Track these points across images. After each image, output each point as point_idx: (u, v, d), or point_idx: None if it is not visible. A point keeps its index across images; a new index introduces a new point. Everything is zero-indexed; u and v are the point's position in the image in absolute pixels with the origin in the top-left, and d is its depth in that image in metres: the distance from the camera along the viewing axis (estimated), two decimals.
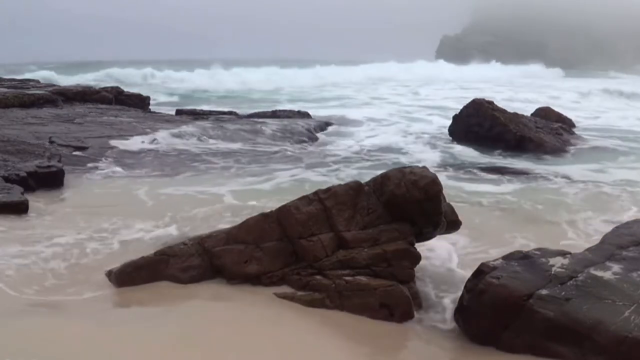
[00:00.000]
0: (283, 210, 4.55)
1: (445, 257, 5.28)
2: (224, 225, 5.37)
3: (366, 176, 8.39)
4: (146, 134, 11.34)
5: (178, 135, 11.44)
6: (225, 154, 10.33)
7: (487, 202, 7.50)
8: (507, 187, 8.38)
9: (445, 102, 21.23)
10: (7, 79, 18.71)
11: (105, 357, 3.38)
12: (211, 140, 11.44)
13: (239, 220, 4.96)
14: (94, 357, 3.38)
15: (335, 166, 9.72)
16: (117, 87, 17.07)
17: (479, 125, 12.07)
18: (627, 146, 12.25)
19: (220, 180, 8.35)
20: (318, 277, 4.32)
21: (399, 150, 11.45)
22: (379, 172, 4.82)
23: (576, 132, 13.44)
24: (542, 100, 21.12)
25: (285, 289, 4.36)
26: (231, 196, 7.33)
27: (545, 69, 52.29)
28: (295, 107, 18.01)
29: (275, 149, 11.15)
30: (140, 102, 16.41)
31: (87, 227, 5.75)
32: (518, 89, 29.76)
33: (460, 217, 4.96)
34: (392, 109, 19.63)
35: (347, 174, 8.94)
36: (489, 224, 6.46)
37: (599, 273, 3.85)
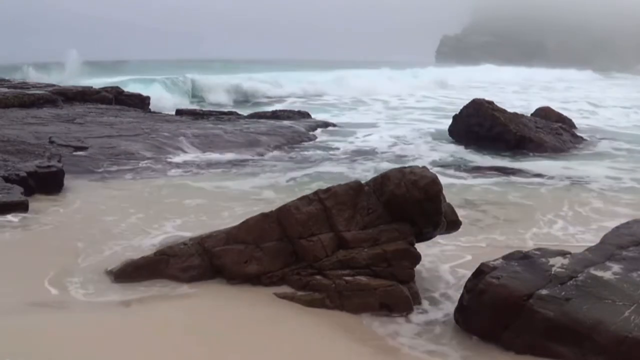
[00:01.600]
0: (283, 210, 4.55)
1: (446, 257, 5.28)
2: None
3: (362, 172, 8.48)
4: (147, 134, 11.35)
5: (180, 135, 11.44)
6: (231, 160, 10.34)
7: (486, 201, 7.49)
8: (507, 187, 8.39)
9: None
10: (6, 79, 18.67)
11: (105, 357, 3.38)
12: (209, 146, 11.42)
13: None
14: (93, 357, 3.38)
15: (334, 166, 9.72)
16: (117, 87, 17.06)
17: (479, 125, 12.07)
18: (628, 147, 12.23)
19: (235, 180, 8.38)
20: (318, 277, 4.32)
21: (398, 150, 11.45)
22: (378, 171, 4.82)
23: (577, 133, 13.43)
24: None
25: (285, 289, 4.36)
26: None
27: (578, 72, 50.77)
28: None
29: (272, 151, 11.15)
30: (140, 102, 16.41)
31: (87, 227, 5.76)
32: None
33: (460, 217, 4.96)
34: (395, 111, 19.60)
35: (347, 173, 8.94)
36: (489, 224, 6.46)
37: (599, 273, 3.85)
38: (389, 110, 19.44)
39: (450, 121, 12.95)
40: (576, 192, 8.12)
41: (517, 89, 31.69)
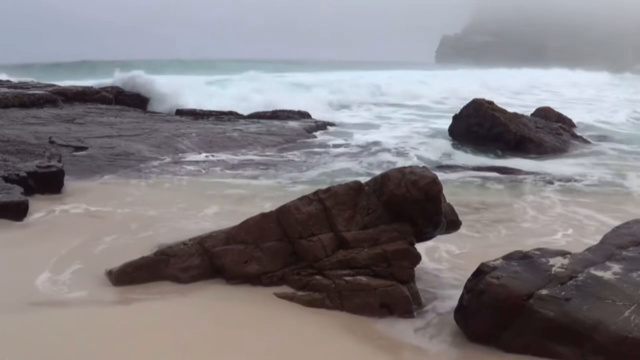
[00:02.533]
0: (283, 210, 4.55)
1: (445, 257, 5.28)
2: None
3: (364, 172, 8.51)
4: (147, 134, 11.35)
5: (181, 135, 11.44)
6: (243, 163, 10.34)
7: (486, 201, 7.50)
8: (507, 187, 8.39)
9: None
10: (5, 79, 18.67)
11: (104, 357, 3.38)
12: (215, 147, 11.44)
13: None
14: (93, 357, 3.38)
15: (336, 165, 9.73)
16: (117, 87, 17.08)
17: (479, 125, 12.08)
18: (629, 148, 12.22)
19: (239, 180, 8.38)
20: (318, 277, 4.32)
21: (398, 150, 11.45)
22: (378, 172, 4.82)
23: (577, 132, 13.43)
24: None
25: (285, 289, 4.36)
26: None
27: (587, 73, 49.78)
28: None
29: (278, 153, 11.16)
30: (140, 102, 16.43)
31: (87, 227, 5.75)
32: None
33: (460, 217, 4.96)
34: (399, 110, 19.57)
35: (349, 173, 8.94)
36: (489, 224, 6.46)
37: (599, 273, 3.85)
38: (393, 110, 19.39)
39: (450, 121, 12.96)
40: (575, 192, 8.12)
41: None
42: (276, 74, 30.48)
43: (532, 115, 13.96)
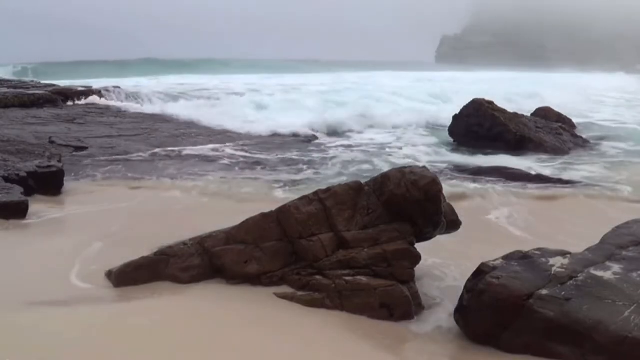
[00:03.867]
0: (283, 210, 4.55)
1: (445, 256, 5.27)
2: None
3: (361, 172, 8.50)
4: (147, 134, 11.35)
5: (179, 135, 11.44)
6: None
7: (486, 202, 7.49)
8: (506, 187, 8.38)
9: None
10: (5, 79, 18.70)
11: (104, 357, 3.38)
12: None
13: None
14: (93, 357, 3.37)
15: (332, 165, 9.73)
16: (117, 87, 17.09)
17: (479, 125, 12.08)
18: (629, 148, 12.21)
19: (240, 180, 8.38)
20: (318, 277, 4.32)
21: (398, 150, 11.45)
22: (376, 171, 4.82)
23: (577, 132, 13.42)
24: None
25: (285, 289, 4.36)
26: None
27: (588, 73, 48.16)
28: None
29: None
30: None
31: (87, 227, 5.75)
32: None
33: (460, 217, 4.95)
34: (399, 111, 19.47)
35: (344, 172, 8.95)
36: (489, 224, 6.46)
37: (599, 273, 3.85)
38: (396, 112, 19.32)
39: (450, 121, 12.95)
40: (574, 192, 8.11)
41: None
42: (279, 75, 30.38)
43: (532, 115, 13.96)
